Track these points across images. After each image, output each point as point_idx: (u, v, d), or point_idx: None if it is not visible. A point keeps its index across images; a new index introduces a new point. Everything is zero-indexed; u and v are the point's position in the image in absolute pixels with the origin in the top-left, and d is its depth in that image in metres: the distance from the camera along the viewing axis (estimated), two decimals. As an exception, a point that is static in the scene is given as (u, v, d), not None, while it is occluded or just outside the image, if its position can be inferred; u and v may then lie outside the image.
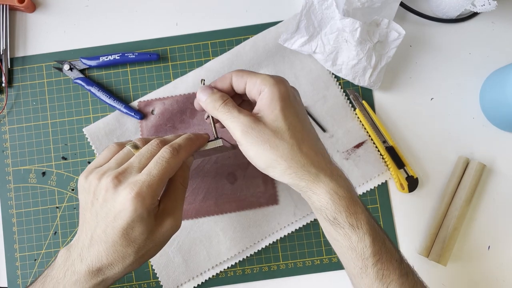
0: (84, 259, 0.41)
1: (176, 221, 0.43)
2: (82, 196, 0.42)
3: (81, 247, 0.41)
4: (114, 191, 0.39)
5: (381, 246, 0.40)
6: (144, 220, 0.39)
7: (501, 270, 0.59)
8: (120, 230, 0.39)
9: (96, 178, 0.40)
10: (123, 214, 0.38)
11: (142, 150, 0.42)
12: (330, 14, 0.57)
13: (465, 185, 0.58)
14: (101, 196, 0.40)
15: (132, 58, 0.61)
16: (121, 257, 0.40)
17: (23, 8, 0.62)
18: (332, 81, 0.61)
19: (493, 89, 0.59)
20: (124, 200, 0.38)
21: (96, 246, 0.40)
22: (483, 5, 0.56)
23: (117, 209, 0.39)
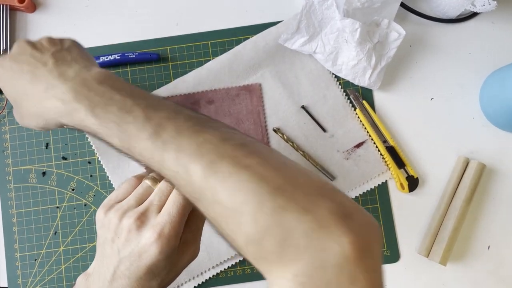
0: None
1: (196, 250, 0.43)
2: (101, 231, 0.42)
3: (103, 281, 0.41)
4: (137, 233, 0.39)
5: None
6: (169, 257, 0.40)
7: (501, 270, 0.59)
8: (145, 268, 0.39)
9: (116, 217, 0.40)
10: (148, 254, 0.39)
11: (161, 186, 0.42)
12: (330, 14, 0.57)
13: (465, 185, 0.58)
14: (123, 236, 0.40)
15: (132, 58, 0.61)
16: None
17: (23, 8, 0.62)
18: (332, 81, 0.61)
19: (493, 89, 0.59)
20: (149, 242, 0.38)
21: (120, 280, 0.40)
22: (483, 5, 0.56)
23: (141, 249, 0.39)
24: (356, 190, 0.59)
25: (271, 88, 0.61)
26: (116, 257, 0.40)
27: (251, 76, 0.61)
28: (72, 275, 0.59)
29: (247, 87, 0.61)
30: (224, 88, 0.61)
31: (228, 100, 0.60)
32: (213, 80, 0.60)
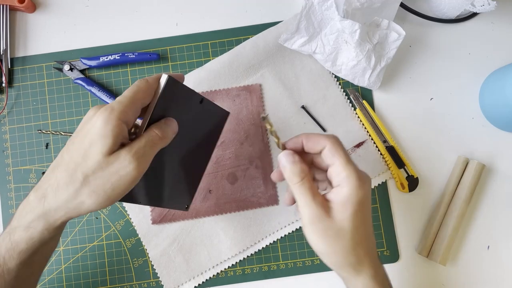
0: (38, 184, 0.42)
1: (133, 159, 0.39)
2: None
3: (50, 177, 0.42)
4: (93, 115, 0.40)
5: None
6: (105, 137, 0.38)
7: (501, 270, 0.59)
8: (81, 142, 0.39)
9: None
10: (93, 126, 0.39)
11: (137, 83, 0.43)
12: (330, 15, 0.57)
13: (464, 185, 0.58)
14: (80, 124, 0.41)
15: (132, 58, 0.61)
16: (69, 179, 0.39)
17: (23, 8, 0.62)
18: (332, 81, 0.61)
19: (493, 89, 0.59)
20: (97, 115, 0.39)
21: (53, 169, 0.41)
22: (482, 5, 0.56)
23: (90, 125, 0.40)
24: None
25: (271, 88, 0.61)
26: (65, 145, 0.41)
27: (251, 76, 0.61)
28: (72, 275, 0.59)
29: (247, 87, 0.61)
30: (224, 89, 0.61)
31: (228, 101, 0.60)
32: (213, 80, 0.60)
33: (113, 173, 0.39)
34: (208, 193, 0.59)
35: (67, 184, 0.39)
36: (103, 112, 0.39)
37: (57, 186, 0.40)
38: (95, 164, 0.39)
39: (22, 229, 0.41)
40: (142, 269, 0.59)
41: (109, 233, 0.60)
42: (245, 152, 0.60)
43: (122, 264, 0.59)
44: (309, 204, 0.41)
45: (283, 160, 0.43)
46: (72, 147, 0.40)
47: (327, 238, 0.41)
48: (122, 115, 0.39)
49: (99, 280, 0.59)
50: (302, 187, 0.42)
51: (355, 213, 0.41)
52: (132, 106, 0.40)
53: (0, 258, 0.42)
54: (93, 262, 0.59)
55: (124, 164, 0.39)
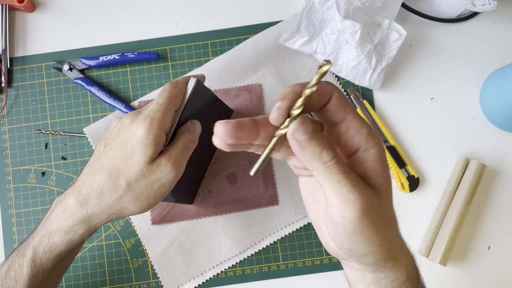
0: (76, 188, 0.43)
1: (174, 167, 0.42)
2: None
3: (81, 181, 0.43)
4: (129, 125, 0.41)
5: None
6: (147, 146, 0.40)
7: (502, 270, 0.59)
8: (121, 149, 0.41)
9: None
10: (133, 135, 0.41)
11: (164, 87, 0.45)
12: (331, 15, 0.57)
13: (465, 185, 0.58)
14: (115, 131, 0.42)
15: (131, 57, 0.60)
16: (112, 186, 0.41)
17: (22, 8, 0.61)
18: (333, 81, 0.61)
19: (494, 89, 0.59)
20: (137, 124, 0.41)
21: (94, 174, 0.42)
22: (483, 4, 0.56)
23: (130, 135, 0.41)
24: None
25: (272, 88, 0.61)
26: (102, 151, 0.43)
27: (251, 75, 0.61)
28: (72, 275, 0.59)
29: (248, 87, 0.61)
30: (224, 88, 0.60)
31: (228, 100, 0.60)
32: (213, 80, 0.60)
33: (155, 181, 0.41)
34: (208, 193, 0.59)
35: (111, 190, 0.41)
36: (144, 121, 0.41)
37: (100, 192, 0.41)
38: (138, 172, 0.41)
39: (62, 233, 0.43)
40: (141, 269, 0.59)
41: (108, 234, 0.59)
42: (245, 152, 0.60)
43: (122, 265, 0.59)
44: (357, 187, 0.28)
45: (301, 130, 0.28)
46: (112, 153, 0.41)
47: (380, 224, 0.29)
48: (162, 124, 0.41)
49: (98, 280, 0.59)
50: (338, 165, 0.28)
51: (387, 172, 0.31)
52: (168, 113, 0.42)
53: (37, 259, 0.43)
54: (92, 263, 0.59)
55: (166, 172, 0.41)
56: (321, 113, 0.30)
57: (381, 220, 0.29)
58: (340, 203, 0.28)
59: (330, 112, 0.30)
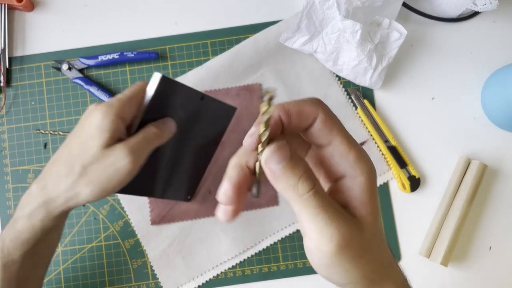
0: (40, 175, 0.44)
1: (129, 152, 0.41)
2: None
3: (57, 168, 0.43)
4: (91, 111, 0.42)
5: None
6: (102, 131, 0.40)
7: (503, 270, 0.58)
8: (79, 135, 0.42)
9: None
10: (91, 120, 0.41)
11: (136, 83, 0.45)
12: (331, 14, 0.57)
13: (466, 185, 0.58)
14: (81, 118, 0.43)
15: (131, 57, 0.60)
16: (68, 170, 0.41)
17: (21, 7, 0.61)
18: (333, 80, 0.61)
19: (495, 89, 0.58)
20: (96, 111, 0.41)
21: (54, 161, 0.43)
22: (484, 4, 0.56)
23: (88, 120, 0.42)
24: None
25: (272, 88, 0.60)
26: (65, 142, 0.43)
27: (251, 75, 0.61)
28: (71, 276, 0.58)
29: (248, 87, 0.60)
30: (224, 88, 0.60)
31: (228, 100, 0.60)
32: (213, 79, 0.60)
33: (109, 165, 0.41)
34: (207, 193, 0.59)
35: (66, 174, 0.41)
36: (102, 107, 0.41)
37: (57, 176, 0.42)
38: (92, 156, 0.41)
39: (24, 219, 0.43)
40: (141, 270, 0.59)
41: (108, 234, 0.59)
42: (245, 152, 0.59)
43: (121, 265, 0.59)
44: (335, 221, 0.26)
45: (275, 157, 0.26)
46: (71, 140, 0.43)
47: (361, 257, 0.28)
48: (120, 110, 0.41)
49: (97, 281, 0.58)
50: (316, 198, 0.26)
51: (375, 201, 0.28)
52: (129, 103, 0.42)
53: (5, 249, 0.44)
54: (91, 263, 0.59)
55: (120, 157, 0.41)
56: (306, 135, 0.28)
57: (363, 252, 0.27)
58: (317, 235, 0.26)
59: (314, 135, 0.28)
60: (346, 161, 0.27)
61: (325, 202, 0.26)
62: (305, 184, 0.26)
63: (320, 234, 0.26)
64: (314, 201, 0.26)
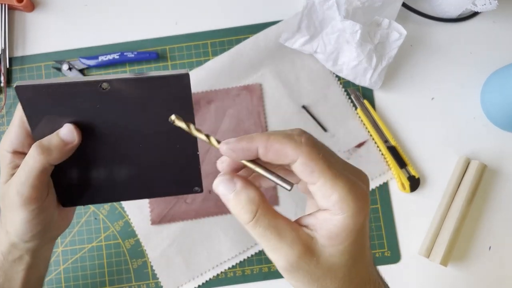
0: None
1: (18, 196, 0.37)
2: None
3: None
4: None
5: None
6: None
7: (502, 270, 0.59)
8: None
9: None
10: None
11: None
12: (331, 15, 0.57)
13: (466, 185, 0.58)
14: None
15: (131, 57, 0.60)
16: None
17: (22, 7, 0.61)
18: (333, 81, 0.61)
19: (495, 89, 0.58)
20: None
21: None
22: (484, 4, 0.56)
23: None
24: None
25: (272, 88, 0.60)
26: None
27: (251, 75, 0.61)
28: (71, 276, 0.58)
29: (248, 87, 0.60)
30: (225, 88, 0.60)
31: (228, 100, 0.60)
32: (213, 80, 0.60)
33: (7, 206, 0.38)
34: (208, 193, 0.59)
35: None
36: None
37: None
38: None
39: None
40: (141, 270, 0.59)
41: (108, 234, 0.59)
42: (245, 152, 0.59)
43: (121, 265, 0.59)
44: (279, 246, 0.28)
45: (220, 188, 0.30)
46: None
47: (314, 283, 0.29)
48: (3, 144, 0.38)
49: (98, 281, 0.58)
50: (258, 227, 0.28)
51: (352, 244, 0.29)
52: (12, 129, 0.38)
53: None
54: (92, 263, 0.59)
55: (13, 199, 0.37)
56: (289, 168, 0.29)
57: (316, 277, 0.29)
58: (269, 256, 0.29)
59: (295, 172, 0.28)
60: (328, 201, 0.28)
61: (266, 232, 0.28)
62: (245, 216, 0.28)
63: (272, 258, 0.29)
64: (254, 230, 0.29)
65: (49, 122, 0.36)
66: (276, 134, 0.28)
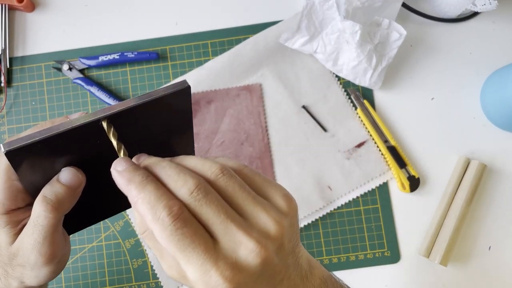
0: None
1: (37, 255, 0.34)
2: None
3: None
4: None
5: None
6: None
7: (502, 270, 0.59)
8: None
9: None
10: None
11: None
12: (331, 15, 0.57)
13: (466, 185, 0.58)
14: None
15: (131, 57, 0.60)
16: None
17: (22, 7, 0.61)
18: (333, 80, 0.61)
19: (494, 89, 0.58)
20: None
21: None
22: (483, 4, 0.56)
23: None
24: (357, 191, 0.59)
25: (272, 88, 0.61)
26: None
27: (251, 75, 0.61)
28: (71, 276, 0.59)
29: (248, 87, 0.60)
30: (225, 88, 0.60)
31: (228, 100, 0.60)
32: (213, 80, 0.60)
33: (22, 265, 0.35)
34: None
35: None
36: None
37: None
38: (5, 257, 0.35)
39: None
40: (141, 270, 0.59)
41: (108, 234, 0.59)
42: (245, 152, 0.59)
43: (122, 265, 0.59)
44: (161, 263, 0.29)
45: (131, 188, 0.28)
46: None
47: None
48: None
49: (98, 281, 0.59)
50: (145, 241, 0.30)
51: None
52: (7, 190, 0.34)
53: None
54: (92, 263, 0.59)
55: (35, 261, 0.34)
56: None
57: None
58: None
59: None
60: (186, 272, 0.27)
61: (151, 248, 0.29)
62: (136, 227, 0.29)
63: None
64: (145, 242, 0.28)
65: (40, 168, 0.33)
66: (150, 194, 0.27)
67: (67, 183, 0.32)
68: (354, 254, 0.59)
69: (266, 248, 0.26)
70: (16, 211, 0.35)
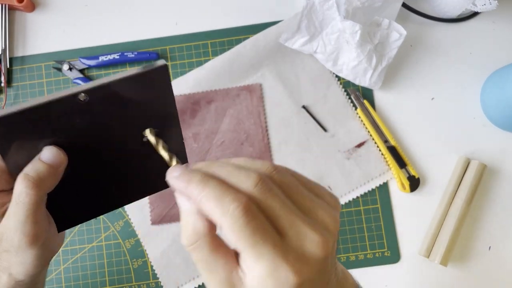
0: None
1: (21, 237, 0.34)
2: None
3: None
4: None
5: None
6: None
7: (502, 270, 0.59)
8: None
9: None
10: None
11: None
12: (331, 15, 0.57)
13: (466, 185, 0.58)
14: None
15: (131, 57, 0.60)
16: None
17: (22, 7, 0.61)
18: (333, 80, 0.61)
19: (494, 89, 0.58)
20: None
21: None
22: (484, 4, 0.56)
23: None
24: (357, 191, 0.59)
25: (272, 88, 0.61)
26: None
27: (251, 75, 0.61)
28: (71, 276, 0.59)
29: (248, 87, 0.60)
30: (225, 88, 0.60)
31: (228, 100, 0.60)
32: (213, 80, 0.60)
33: (8, 251, 0.35)
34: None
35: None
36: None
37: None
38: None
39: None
40: (141, 270, 0.59)
41: (108, 234, 0.59)
42: (245, 152, 0.59)
43: (122, 265, 0.59)
44: (207, 281, 0.27)
45: (179, 198, 0.27)
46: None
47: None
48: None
49: (98, 281, 0.59)
50: (192, 255, 0.27)
51: None
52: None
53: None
54: (92, 263, 0.59)
55: (18, 242, 0.34)
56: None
57: None
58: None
59: (224, 235, 0.26)
60: (251, 272, 0.25)
61: (198, 263, 0.26)
62: (184, 239, 0.26)
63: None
64: (190, 254, 0.27)
65: (23, 149, 0.33)
66: (215, 189, 0.25)
67: (48, 161, 0.32)
68: (354, 254, 0.59)
69: (328, 242, 0.26)
70: (1, 193, 0.35)
